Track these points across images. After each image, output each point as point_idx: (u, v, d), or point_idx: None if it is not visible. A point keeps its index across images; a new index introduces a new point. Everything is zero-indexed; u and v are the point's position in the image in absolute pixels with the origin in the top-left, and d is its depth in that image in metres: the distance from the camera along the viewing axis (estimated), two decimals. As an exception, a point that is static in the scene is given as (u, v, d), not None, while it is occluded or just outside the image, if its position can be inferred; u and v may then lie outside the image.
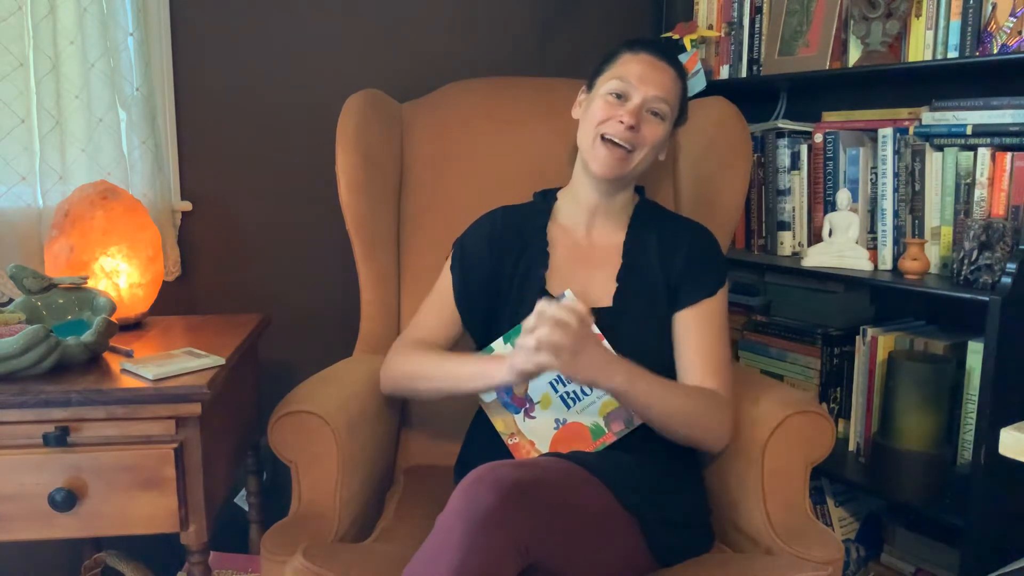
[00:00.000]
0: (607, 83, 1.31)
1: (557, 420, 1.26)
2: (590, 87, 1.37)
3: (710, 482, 1.37)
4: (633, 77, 1.29)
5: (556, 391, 1.26)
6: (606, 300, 1.33)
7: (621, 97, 1.29)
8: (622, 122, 1.27)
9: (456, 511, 0.98)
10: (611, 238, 1.39)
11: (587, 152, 1.32)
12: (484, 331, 1.37)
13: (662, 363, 1.32)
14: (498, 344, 1.30)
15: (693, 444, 1.27)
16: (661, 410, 1.20)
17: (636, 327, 1.31)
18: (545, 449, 1.26)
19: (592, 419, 1.25)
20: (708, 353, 1.31)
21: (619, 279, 1.34)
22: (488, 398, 1.30)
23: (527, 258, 1.38)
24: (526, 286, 1.36)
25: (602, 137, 1.29)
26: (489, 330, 1.36)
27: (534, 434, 1.27)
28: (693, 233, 1.39)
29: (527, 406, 1.27)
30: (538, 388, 1.27)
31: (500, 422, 1.29)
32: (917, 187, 1.55)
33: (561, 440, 1.26)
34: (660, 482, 1.21)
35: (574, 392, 1.25)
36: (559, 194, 1.44)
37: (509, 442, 1.28)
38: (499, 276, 1.38)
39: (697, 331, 1.32)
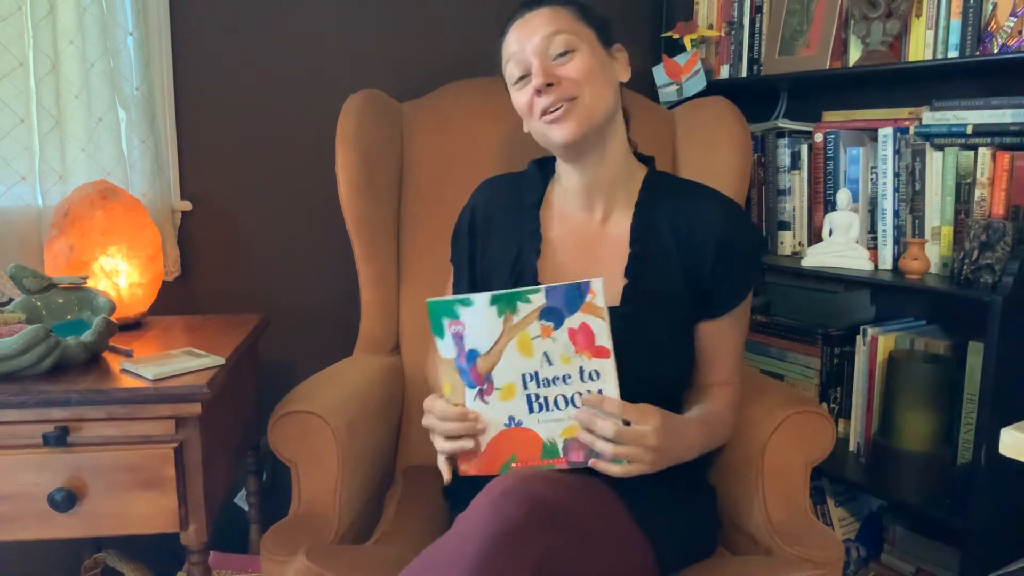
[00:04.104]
0: (508, 82, 1.20)
1: (511, 418, 1.06)
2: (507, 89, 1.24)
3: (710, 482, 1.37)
4: (515, 48, 1.15)
5: (525, 387, 1.05)
6: (612, 299, 1.14)
7: (524, 77, 1.15)
8: (539, 90, 1.12)
9: (480, 521, 0.94)
10: (617, 222, 1.22)
11: (546, 138, 1.17)
12: None
13: (677, 370, 1.23)
14: (479, 298, 1.04)
15: None
16: (713, 447, 1.22)
17: (649, 332, 1.16)
18: (485, 440, 1.07)
19: (550, 436, 1.06)
20: (733, 357, 1.25)
21: (628, 273, 1.18)
22: (445, 353, 1.07)
23: (516, 244, 1.25)
24: (519, 275, 1.23)
25: (542, 115, 1.14)
26: None
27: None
28: (721, 213, 1.19)
29: (484, 386, 1.06)
30: (505, 375, 1.05)
31: (448, 385, 1.08)
32: (917, 187, 1.55)
33: (506, 438, 1.07)
34: (677, 504, 1.17)
35: (544, 399, 1.05)
36: (557, 165, 1.27)
37: None
38: (487, 262, 1.28)
39: (728, 337, 1.23)
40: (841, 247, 1.62)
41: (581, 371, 1.03)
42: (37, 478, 1.15)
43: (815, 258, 1.66)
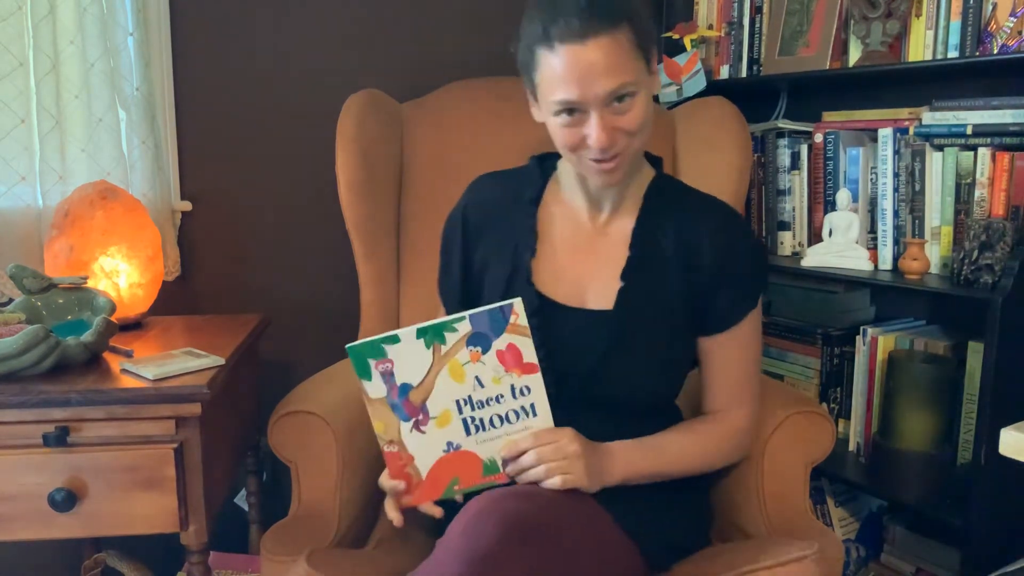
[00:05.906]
0: (547, 101, 1.07)
1: (450, 443, 1.07)
2: (530, 85, 1.12)
3: (709, 482, 1.37)
4: (572, 84, 1.02)
5: (460, 411, 1.06)
6: (606, 302, 1.16)
7: (574, 111, 1.05)
8: (600, 149, 1.05)
9: (456, 548, 0.93)
10: (620, 224, 1.19)
11: (577, 167, 1.13)
12: None
13: (667, 379, 1.20)
14: (405, 333, 1.02)
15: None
16: (674, 473, 1.16)
17: (641, 336, 1.14)
18: (425, 469, 1.07)
19: (489, 455, 1.07)
20: (738, 378, 1.20)
21: (624, 277, 1.16)
22: (375, 393, 1.05)
23: (512, 242, 1.21)
24: (512, 275, 1.19)
25: (589, 160, 1.09)
26: None
27: (417, 449, 1.07)
28: (721, 223, 1.18)
29: (419, 417, 1.06)
30: (439, 403, 1.05)
31: (380, 424, 1.06)
32: (917, 187, 1.55)
33: (446, 463, 1.08)
34: (661, 503, 1.16)
35: (480, 420, 1.06)
36: (560, 163, 1.23)
37: (384, 448, 1.07)
38: (478, 263, 1.24)
39: (728, 359, 1.19)
40: (841, 247, 1.62)
41: (512, 389, 1.05)
42: (37, 478, 1.15)
43: (815, 258, 1.66)
